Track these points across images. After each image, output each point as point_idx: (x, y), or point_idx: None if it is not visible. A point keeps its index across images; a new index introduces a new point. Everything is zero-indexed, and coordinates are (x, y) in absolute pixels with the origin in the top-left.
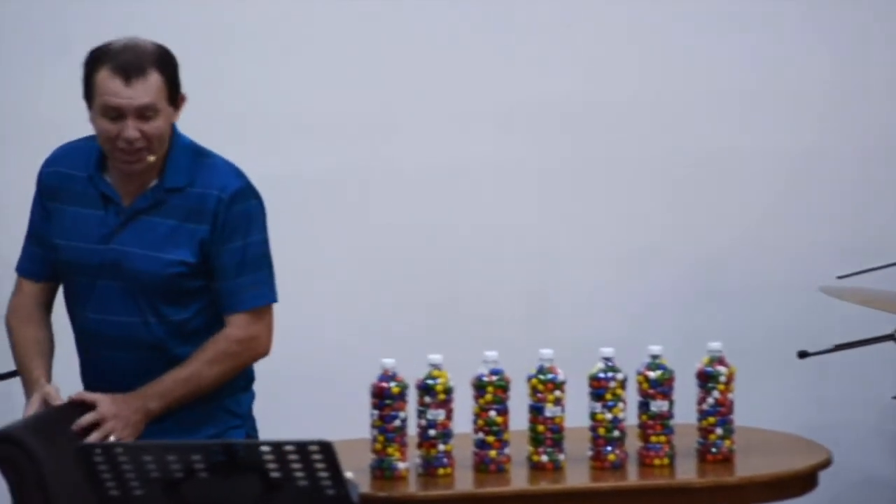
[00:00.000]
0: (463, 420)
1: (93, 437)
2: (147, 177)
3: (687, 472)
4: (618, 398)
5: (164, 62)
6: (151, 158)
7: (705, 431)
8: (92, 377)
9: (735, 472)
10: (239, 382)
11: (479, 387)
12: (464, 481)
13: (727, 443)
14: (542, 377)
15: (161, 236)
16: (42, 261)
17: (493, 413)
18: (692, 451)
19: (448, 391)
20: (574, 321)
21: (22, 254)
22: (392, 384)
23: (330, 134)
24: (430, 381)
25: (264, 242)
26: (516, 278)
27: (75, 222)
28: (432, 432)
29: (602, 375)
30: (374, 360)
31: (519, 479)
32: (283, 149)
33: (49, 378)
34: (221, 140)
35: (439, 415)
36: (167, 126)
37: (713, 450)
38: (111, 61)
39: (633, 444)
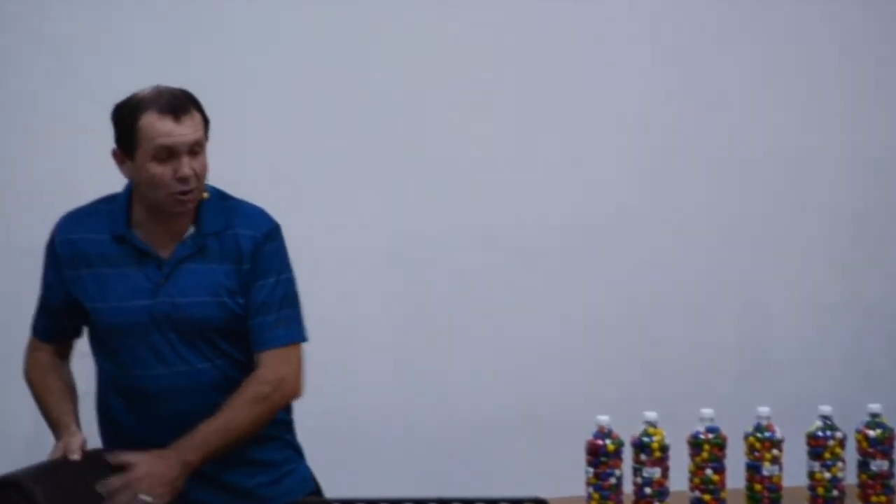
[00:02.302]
0: (679, 478)
1: (121, 500)
2: (180, 226)
3: None
4: (837, 457)
5: (196, 101)
6: (205, 195)
7: None
8: (144, 435)
9: None
10: (290, 416)
11: (696, 444)
12: None
13: None
14: (759, 435)
15: (210, 280)
16: (55, 329)
17: (709, 471)
18: None
19: (664, 449)
20: (790, 377)
21: (36, 319)
22: (607, 441)
23: (546, 185)
24: (645, 439)
25: (292, 280)
26: (731, 333)
27: (112, 283)
28: (648, 490)
29: (820, 434)
30: (590, 417)
31: None
32: (504, 197)
33: (77, 423)
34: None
35: (655, 472)
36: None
37: None
38: (153, 105)
39: None
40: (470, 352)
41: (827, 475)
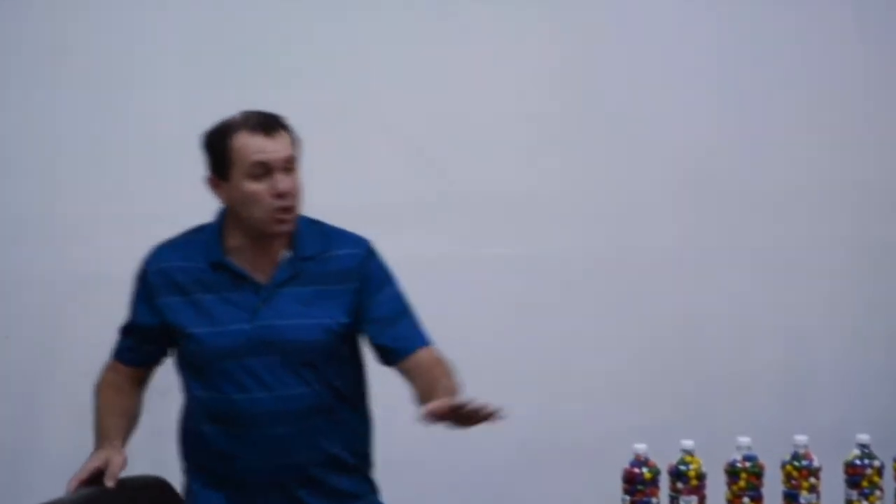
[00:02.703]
0: None
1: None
2: (276, 250)
3: None
4: (874, 486)
5: (285, 122)
6: (301, 212)
7: None
8: (239, 460)
9: None
10: (370, 451)
11: (733, 473)
12: None
13: None
14: (796, 463)
15: (309, 304)
16: (137, 351)
17: (746, 500)
18: None
19: (701, 477)
20: (828, 405)
21: (119, 343)
22: (644, 470)
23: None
24: (682, 467)
25: (402, 290)
26: (768, 362)
27: (210, 308)
28: None
29: (858, 462)
30: (627, 445)
31: None
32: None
33: (123, 442)
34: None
35: (692, 501)
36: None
37: None
38: (244, 125)
39: None
40: (509, 381)
41: None
